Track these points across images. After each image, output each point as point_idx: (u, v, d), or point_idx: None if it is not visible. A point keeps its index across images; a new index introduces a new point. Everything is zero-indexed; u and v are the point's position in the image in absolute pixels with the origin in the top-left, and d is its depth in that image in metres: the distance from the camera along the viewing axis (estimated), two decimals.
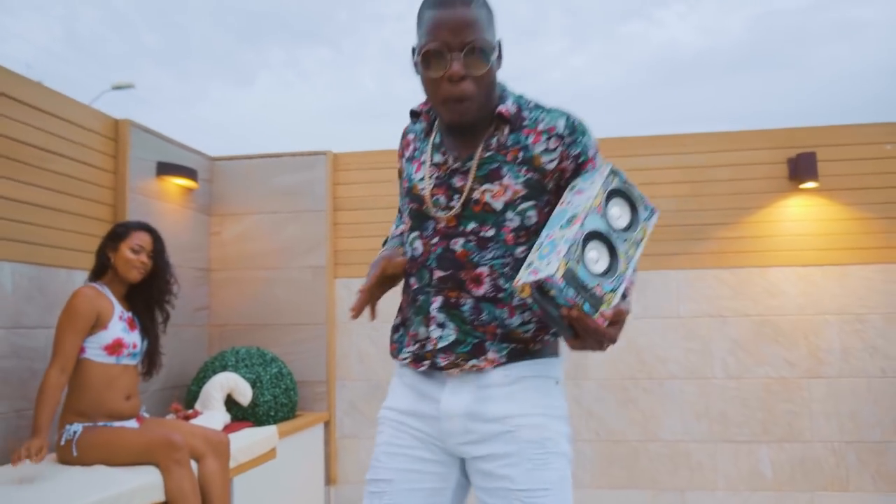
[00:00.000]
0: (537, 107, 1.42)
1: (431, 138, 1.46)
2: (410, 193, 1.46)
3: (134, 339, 2.81)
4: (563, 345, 1.46)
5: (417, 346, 1.44)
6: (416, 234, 1.45)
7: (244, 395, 3.60)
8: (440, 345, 1.39)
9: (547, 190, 1.39)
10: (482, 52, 1.32)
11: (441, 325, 1.40)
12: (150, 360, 2.94)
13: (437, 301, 1.41)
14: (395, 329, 1.54)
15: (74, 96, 3.33)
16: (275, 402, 3.74)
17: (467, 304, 1.39)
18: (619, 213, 1.29)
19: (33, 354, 2.99)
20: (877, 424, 3.87)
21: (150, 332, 2.93)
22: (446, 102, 1.34)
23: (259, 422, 3.66)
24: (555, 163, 1.38)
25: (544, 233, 1.30)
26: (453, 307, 1.40)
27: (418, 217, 1.44)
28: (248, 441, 3.19)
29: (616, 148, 4.17)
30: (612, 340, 1.21)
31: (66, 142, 3.30)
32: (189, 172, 4.03)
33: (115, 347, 2.72)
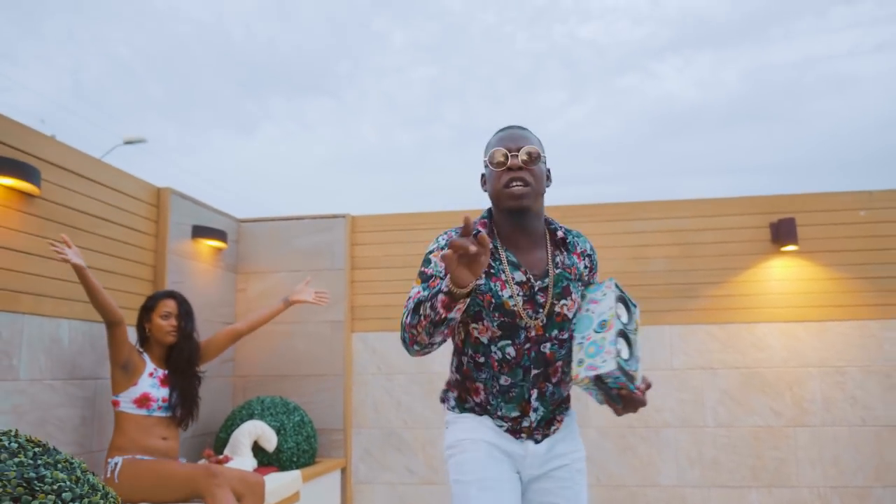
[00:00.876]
0: (569, 231, 1.91)
1: (503, 257, 1.78)
2: (502, 308, 1.75)
3: (163, 394, 3.15)
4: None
5: (510, 423, 1.82)
6: (507, 341, 1.77)
7: (270, 441, 3.88)
8: (535, 423, 1.82)
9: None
10: (537, 155, 1.76)
11: (536, 410, 1.81)
12: (182, 411, 3.25)
13: (535, 393, 1.81)
14: (468, 400, 1.87)
15: (86, 150, 3.61)
16: (297, 449, 4.01)
17: (548, 390, 1.82)
18: (621, 313, 1.76)
19: (85, 403, 3.30)
20: (858, 470, 4.14)
21: (179, 386, 3.25)
22: (509, 187, 1.73)
23: (283, 467, 3.93)
24: (587, 274, 1.89)
25: (580, 335, 1.76)
26: (543, 395, 1.81)
27: (510, 328, 1.76)
28: (275, 484, 3.47)
29: (613, 213, 4.53)
30: (645, 404, 1.69)
31: (116, 209, 3.66)
32: (219, 234, 4.38)
33: (143, 401, 3.07)
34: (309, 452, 4.10)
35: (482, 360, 1.79)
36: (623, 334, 1.71)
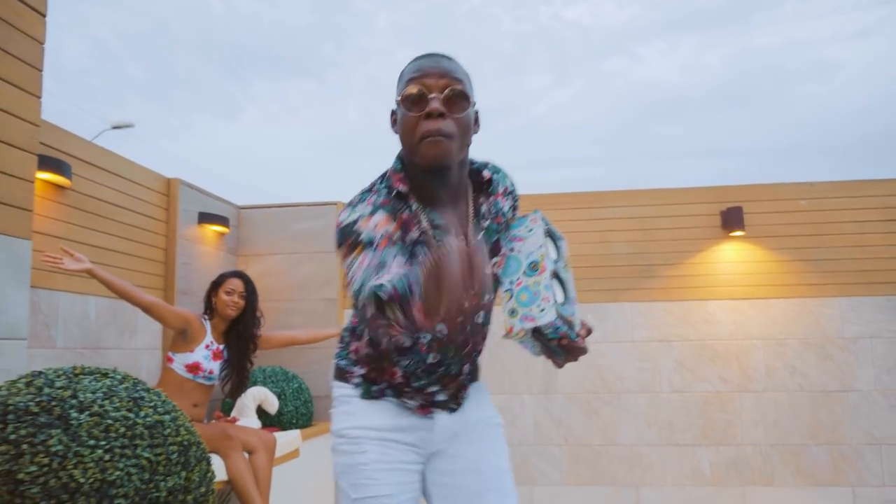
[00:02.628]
0: (486, 166, 1.52)
1: (427, 221, 1.43)
2: None
3: (212, 366, 3.57)
4: None
5: (425, 398, 1.52)
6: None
7: (272, 405, 4.34)
8: (463, 400, 1.56)
9: None
10: (462, 95, 1.34)
11: (464, 386, 1.57)
12: (233, 383, 3.67)
13: (467, 367, 1.54)
14: (377, 381, 1.52)
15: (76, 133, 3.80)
16: (296, 412, 4.48)
17: (476, 356, 1.58)
18: (551, 250, 1.45)
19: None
20: (795, 430, 4.67)
21: (234, 358, 3.67)
22: (424, 139, 1.33)
23: (284, 427, 4.40)
24: (511, 212, 1.54)
25: (507, 279, 1.45)
26: (473, 367, 1.58)
27: None
28: (278, 442, 3.93)
29: (579, 201, 5.01)
30: (587, 351, 1.43)
31: (132, 198, 4.08)
32: (223, 220, 4.80)
33: (193, 368, 3.50)
34: (306, 415, 4.56)
35: (408, 343, 1.45)
36: (556, 275, 1.43)
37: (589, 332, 1.44)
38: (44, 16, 2.09)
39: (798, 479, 4.64)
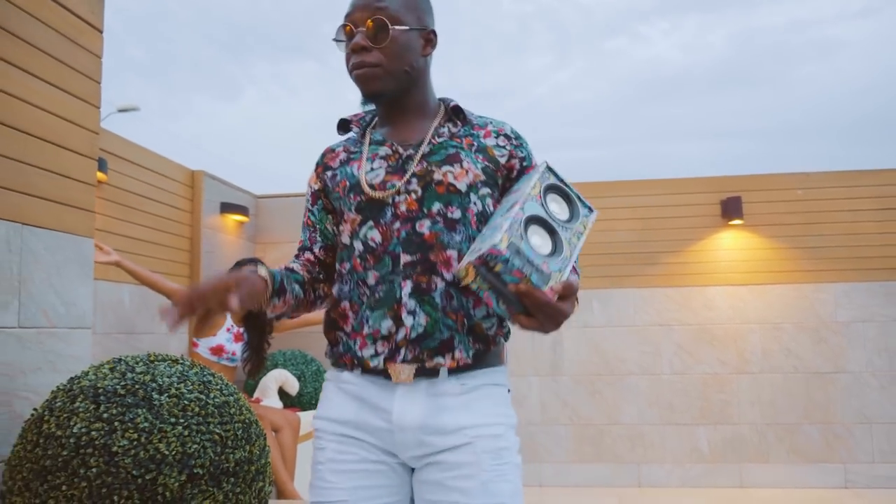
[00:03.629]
0: (482, 117, 1.45)
1: (367, 139, 1.41)
2: (356, 188, 1.35)
3: (235, 348, 3.79)
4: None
5: (380, 343, 1.29)
6: (369, 223, 1.33)
7: (293, 386, 4.57)
8: (413, 334, 1.27)
9: (498, 184, 1.38)
10: (383, 26, 1.32)
11: (412, 313, 1.28)
12: (253, 363, 3.89)
13: (407, 286, 1.29)
14: (336, 336, 1.37)
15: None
16: (315, 394, 4.71)
17: (438, 288, 1.29)
18: (558, 209, 1.29)
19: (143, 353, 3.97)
20: (790, 410, 4.90)
21: (253, 341, 3.89)
22: (353, 73, 1.34)
23: (304, 408, 4.63)
24: (505, 158, 1.38)
25: (486, 226, 1.30)
26: (424, 292, 1.28)
27: (370, 207, 1.33)
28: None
29: (583, 191, 5.19)
30: (565, 315, 1.15)
31: (160, 190, 4.28)
32: (242, 209, 5.01)
33: (217, 351, 3.71)
34: None
35: (346, 267, 1.35)
36: (542, 222, 1.23)
37: (568, 292, 1.14)
38: (101, 32, 2.29)
39: (792, 456, 4.87)
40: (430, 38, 1.39)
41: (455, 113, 1.39)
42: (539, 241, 1.19)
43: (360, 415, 1.29)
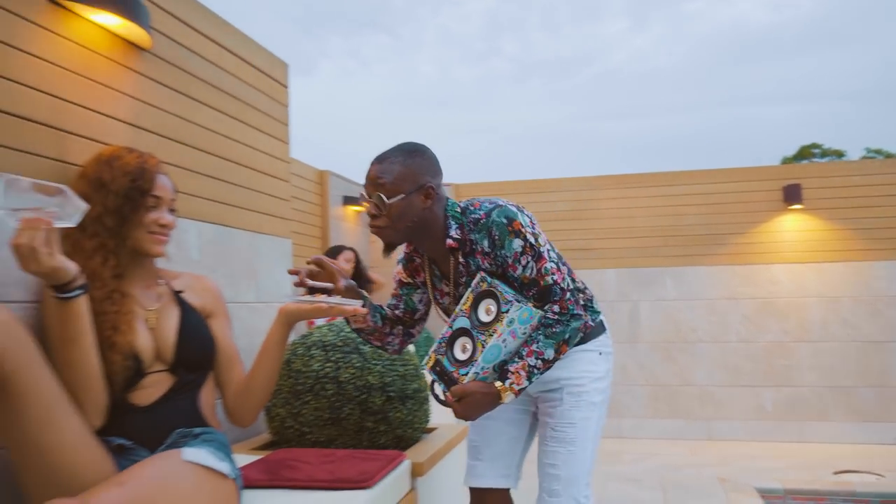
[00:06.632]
0: (476, 223, 1.71)
1: (429, 271, 1.88)
2: (442, 309, 1.88)
3: None
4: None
5: None
6: None
7: None
8: None
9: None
10: (381, 201, 1.64)
11: None
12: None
13: None
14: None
15: None
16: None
17: None
18: (487, 311, 1.66)
19: None
20: (847, 374, 5.48)
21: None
22: (370, 230, 1.73)
23: None
24: (501, 257, 1.70)
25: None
26: None
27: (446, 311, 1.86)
28: None
29: (655, 180, 5.86)
30: (459, 414, 1.65)
31: (298, 188, 5.18)
32: (359, 201, 5.89)
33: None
34: None
35: None
36: (467, 332, 1.68)
37: (459, 392, 1.63)
38: (286, 87, 3.12)
39: (849, 415, 5.46)
40: (429, 194, 1.69)
41: (452, 252, 1.75)
42: (460, 347, 1.66)
43: None
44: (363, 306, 1.73)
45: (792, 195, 5.53)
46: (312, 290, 1.74)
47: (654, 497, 3.99)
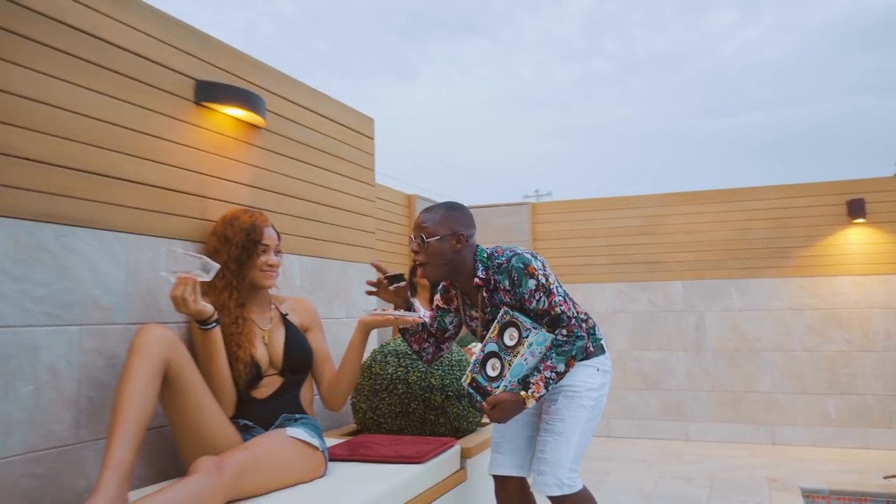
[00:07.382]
0: (499, 267, 2.19)
1: (462, 301, 2.37)
2: (471, 330, 2.39)
3: None
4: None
5: None
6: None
7: None
8: None
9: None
10: (422, 241, 2.18)
11: None
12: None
13: None
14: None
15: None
16: None
17: None
18: (511, 336, 2.14)
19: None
20: None
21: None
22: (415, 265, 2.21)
23: None
24: (520, 293, 2.15)
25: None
26: None
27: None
28: None
29: (722, 196, 6.19)
30: (492, 418, 2.12)
31: (386, 212, 5.84)
32: None
33: None
34: None
35: None
36: (496, 354, 2.16)
37: (493, 401, 2.10)
38: (372, 138, 3.75)
39: None
40: (459, 240, 2.21)
41: (479, 288, 2.24)
42: (491, 367, 2.16)
43: None
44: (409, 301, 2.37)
45: (855, 209, 5.75)
46: (390, 279, 2.34)
47: (699, 493, 4.38)
